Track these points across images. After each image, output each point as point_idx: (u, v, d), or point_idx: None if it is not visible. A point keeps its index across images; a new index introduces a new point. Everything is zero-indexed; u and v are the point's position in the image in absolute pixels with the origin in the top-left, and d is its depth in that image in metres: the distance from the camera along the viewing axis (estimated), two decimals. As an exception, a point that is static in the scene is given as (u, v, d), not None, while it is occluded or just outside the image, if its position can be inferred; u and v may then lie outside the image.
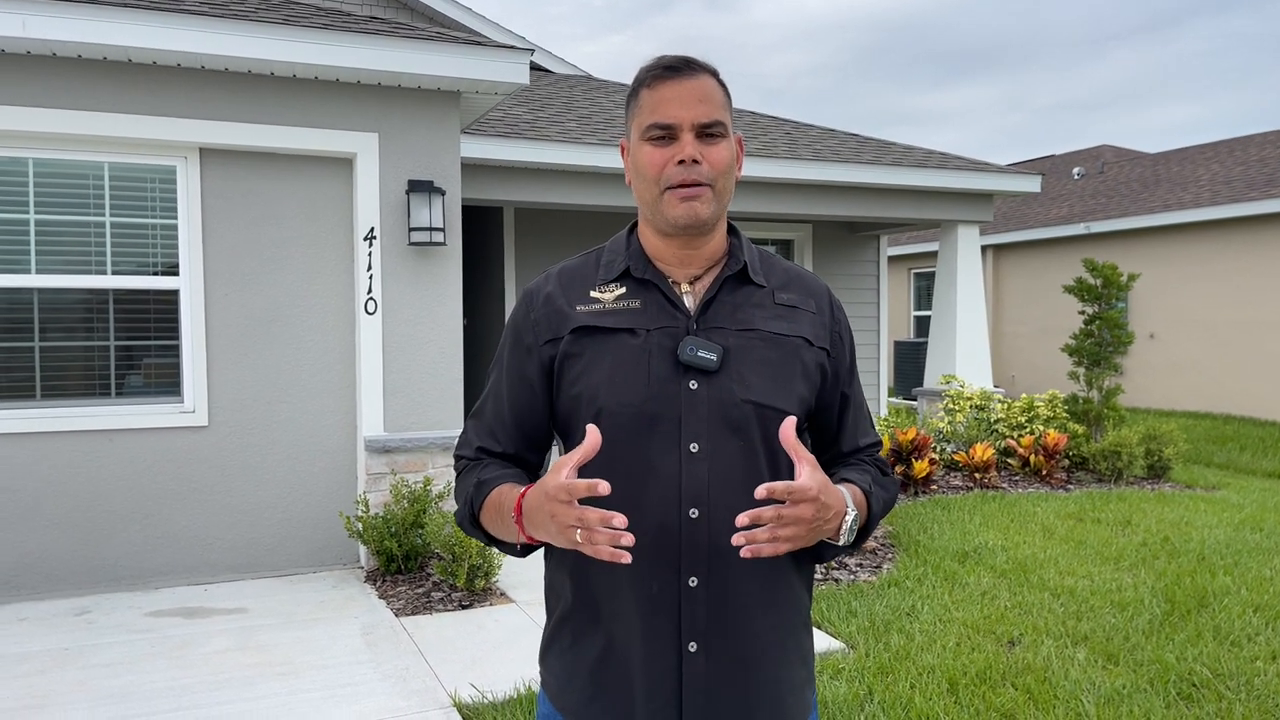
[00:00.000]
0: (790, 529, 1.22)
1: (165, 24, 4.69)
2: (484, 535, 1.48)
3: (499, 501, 1.40)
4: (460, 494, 1.51)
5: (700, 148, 1.38)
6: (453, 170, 5.54)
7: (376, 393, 5.37)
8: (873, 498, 1.46)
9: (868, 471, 1.52)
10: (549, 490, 1.21)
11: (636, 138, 1.42)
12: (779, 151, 7.97)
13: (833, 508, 1.28)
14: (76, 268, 5.02)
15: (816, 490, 1.24)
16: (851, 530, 1.35)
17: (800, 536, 1.24)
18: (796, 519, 1.22)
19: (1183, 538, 5.95)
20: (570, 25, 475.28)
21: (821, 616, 4.48)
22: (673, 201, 1.38)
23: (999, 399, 8.69)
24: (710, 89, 1.40)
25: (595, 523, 1.16)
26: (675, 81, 1.38)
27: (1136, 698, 3.58)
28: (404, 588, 4.99)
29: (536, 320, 1.46)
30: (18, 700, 3.61)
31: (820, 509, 1.25)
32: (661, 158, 1.38)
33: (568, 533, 1.20)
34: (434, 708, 3.54)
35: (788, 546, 1.23)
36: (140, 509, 5.08)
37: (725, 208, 1.44)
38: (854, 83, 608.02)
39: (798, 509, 1.22)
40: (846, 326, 1.54)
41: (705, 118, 1.38)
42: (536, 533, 1.31)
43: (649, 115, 1.39)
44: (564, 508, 1.19)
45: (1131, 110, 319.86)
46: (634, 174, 1.44)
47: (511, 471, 1.48)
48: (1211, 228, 13.67)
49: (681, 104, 1.37)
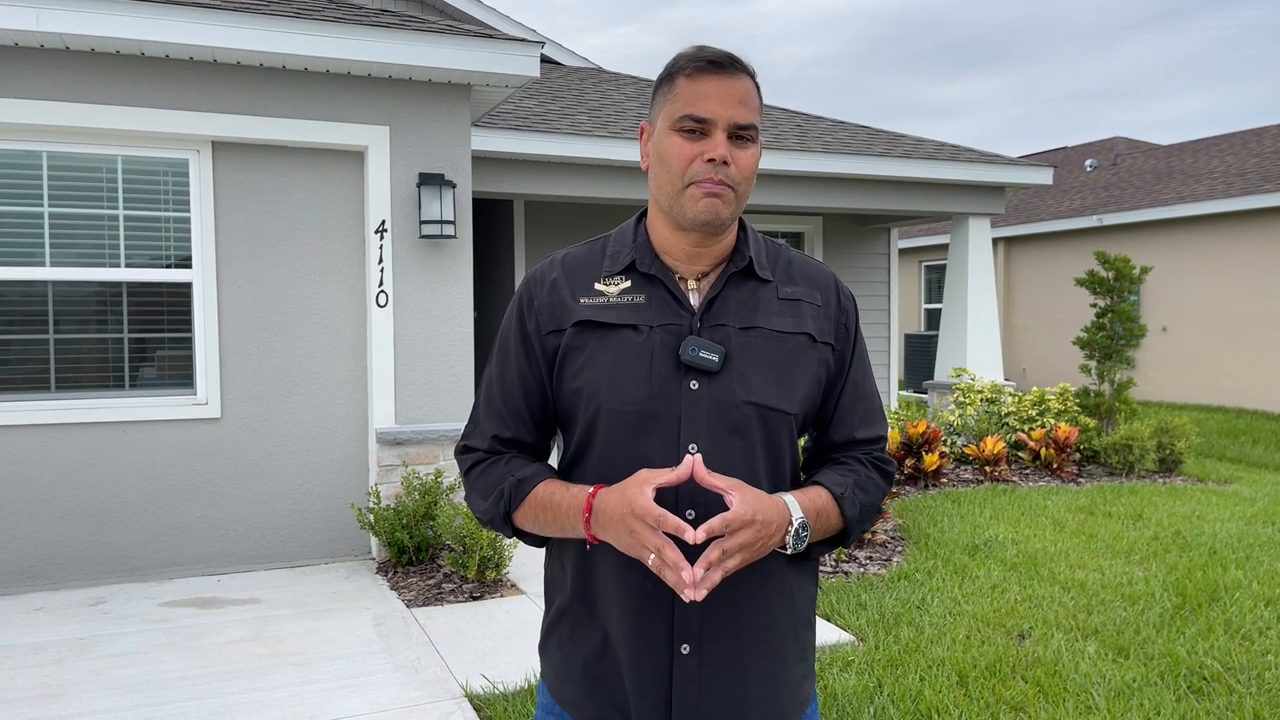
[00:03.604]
0: (738, 558, 1.25)
1: (177, 18, 4.71)
2: (513, 530, 1.46)
3: (550, 500, 1.38)
4: (487, 489, 1.46)
5: (731, 149, 1.35)
6: (463, 163, 5.55)
7: (388, 385, 5.39)
8: (845, 502, 1.41)
9: (851, 473, 1.46)
10: (638, 509, 1.23)
11: (665, 125, 1.37)
12: (789, 144, 7.95)
13: (773, 523, 1.28)
14: (90, 261, 5.05)
15: (751, 514, 1.25)
16: (800, 538, 1.33)
17: (748, 559, 1.27)
18: (739, 546, 1.24)
19: (1194, 531, 5.93)
20: (578, 17, 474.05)
21: (831, 609, 4.49)
22: (695, 195, 1.35)
23: (1010, 392, 8.67)
24: (749, 91, 1.37)
25: (672, 561, 1.22)
26: (717, 78, 1.35)
27: (1147, 691, 3.58)
28: (415, 579, 5.02)
29: (539, 309, 1.44)
30: (34, 690, 3.65)
31: (760, 529, 1.26)
32: (691, 151, 1.35)
33: (642, 552, 1.25)
34: (445, 698, 3.57)
35: (735, 566, 1.26)
36: (154, 500, 5.12)
37: (741, 211, 1.42)
38: (863, 74, 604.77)
39: (736, 537, 1.24)
40: (853, 314, 1.50)
41: (742, 120, 1.35)
42: (603, 534, 1.31)
43: (685, 105, 1.35)
44: (649, 532, 1.23)
45: (1142, 101, 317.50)
46: (656, 161, 1.40)
47: (544, 466, 1.47)
48: (1225, 220, 13.59)
49: (720, 101, 1.34)
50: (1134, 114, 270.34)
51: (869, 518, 1.47)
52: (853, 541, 1.50)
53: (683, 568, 1.20)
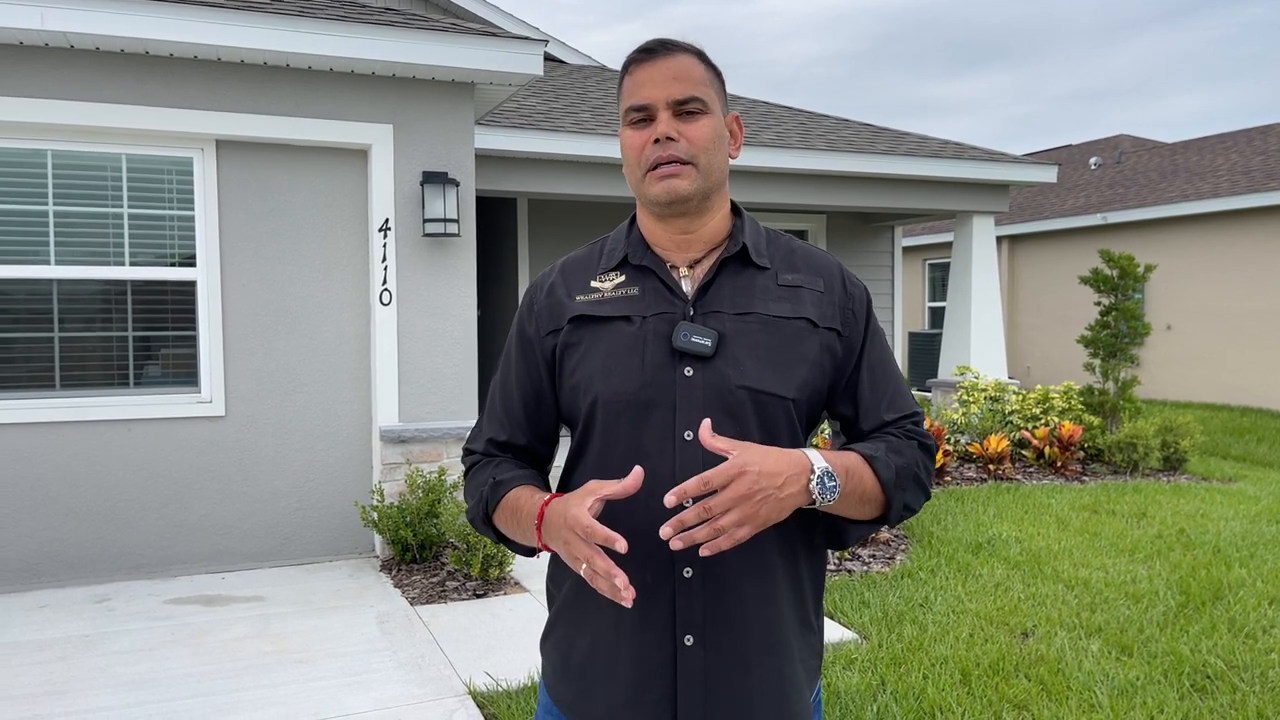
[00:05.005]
0: (734, 514, 1.18)
1: (182, 16, 4.72)
2: (494, 533, 1.48)
3: (517, 505, 1.40)
4: (473, 491, 1.50)
5: (677, 125, 1.36)
6: (467, 161, 5.55)
7: (391, 383, 5.40)
8: (878, 463, 1.35)
9: (882, 442, 1.40)
10: (569, 519, 1.23)
11: (621, 124, 1.42)
12: (792, 142, 7.95)
13: (780, 474, 1.21)
14: (95, 259, 5.07)
15: (741, 466, 1.18)
16: (827, 488, 1.25)
17: (754, 515, 1.19)
18: (734, 500, 1.17)
19: (1198, 530, 5.92)
20: (581, 14, 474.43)
21: (834, 607, 4.49)
22: (651, 181, 1.37)
23: (1014, 390, 8.66)
24: (687, 66, 1.38)
25: (601, 571, 1.20)
26: (650, 63, 1.38)
27: (1150, 689, 3.58)
28: (419, 576, 5.02)
29: (539, 312, 1.47)
30: (39, 686, 3.66)
31: (756, 479, 1.18)
32: (641, 139, 1.38)
33: (575, 562, 1.25)
34: (449, 695, 3.57)
35: (747, 531, 1.19)
36: (158, 498, 5.13)
37: (714, 185, 1.40)
38: (865, 72, 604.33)
39: (729, 491, 1.17)
40: (862, 301, 1.46)
41: (680, 94, 1.36)
42: (551, 544, 1.33)
43: (628, 98, 1.39)
44: (580, 543, 1.22)
45: (1144, 99, 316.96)
46: (623, 159, 1.45)
47: (526, 472, 1.49)
48: (1230, 218, 13.56)
49: (655, 84, 1.37)
50: (1136, 112, 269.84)
51: (910, 485, 1.39)
52: (896, 517, 1.39)
53: (614, 575, 1.19)
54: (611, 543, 1.18)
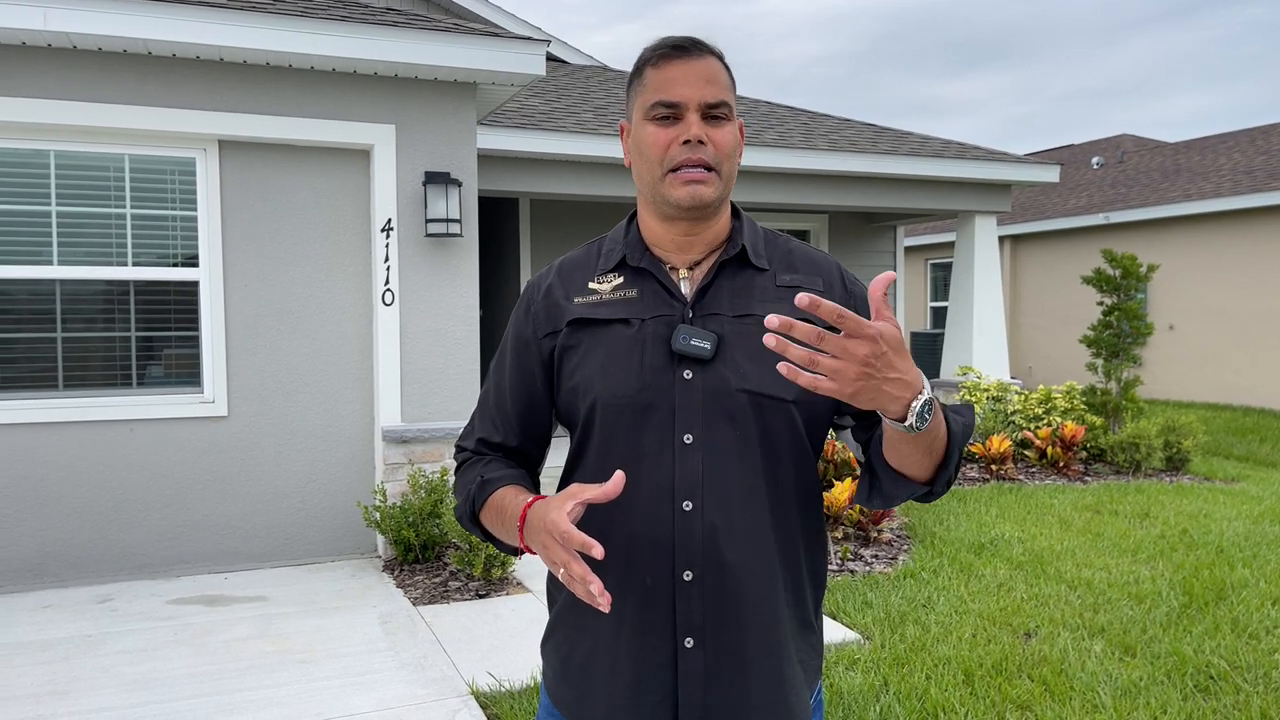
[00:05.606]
0: (836, 362, 1.08)
1: (184, 17, 4.72)
2: (481, 532, 1.48)
3: (502, 505, 1.39)
4: (461, 489, 1.49)
5: (706, 129, 1.34)
6: (469, 162, 5.55)
7: (394, 383, 5.40)
8: (949, 417, 1.29)
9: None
10: (548, 523, 1.21)
11: (639, 117, 1.38)
12: (795, 141, 7.94)
13: (901, 372, 1.12)
14: (97, 259, 5.07)
15: (879, 331, 1.08)
16: (923, 417, 1.16)
17: (847, 377, 1.09)
18: (844, 350, 1.07)
19: (1201, 530, 5.91)
20: (583, 14, 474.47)
21: (837, 608, 4.48)
22: (675, 183, 1.34)
23: (1016, 390, 8.66)
24: (716, 70, 1.36)
25: (578, 577, 1.18)
26: (682, 61, 1.35)
27: (1153, 690, 3.58)
28: (421, 577, 5.03)
29: (536, 314, 1.46)
30: (42, 686, 3.66)
31: (878, 355, 1.09)
32: (666, 137, 1.34)
33: (553, 566, 1.23)
34: (452, 696, 3.58)
35: (829, 384, 1.09)
36: (161, 497, 5.14)
37: (729, 192, 1.40)
38: (865, 72, 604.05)
39: (850, 342, 1.07)
40: (862, 300, 1.44)
41: (712, 98, 1.34)
42: (532, 546, 1.32)
43: (654, 93, 1.35)
44: (557, 547, 1.20)
45: (1145, 99, 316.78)
46: (635, 154, 1.40)
47: (515, 471, 1.48)
48: (1233, 218, 13.54)
49: (688, 83, 1.33)
50: (1137, 112, 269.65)
51: (966, 440, 1.32)
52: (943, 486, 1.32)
53: (590, 581, 1.17)
54: (588, 549, 1.16)
